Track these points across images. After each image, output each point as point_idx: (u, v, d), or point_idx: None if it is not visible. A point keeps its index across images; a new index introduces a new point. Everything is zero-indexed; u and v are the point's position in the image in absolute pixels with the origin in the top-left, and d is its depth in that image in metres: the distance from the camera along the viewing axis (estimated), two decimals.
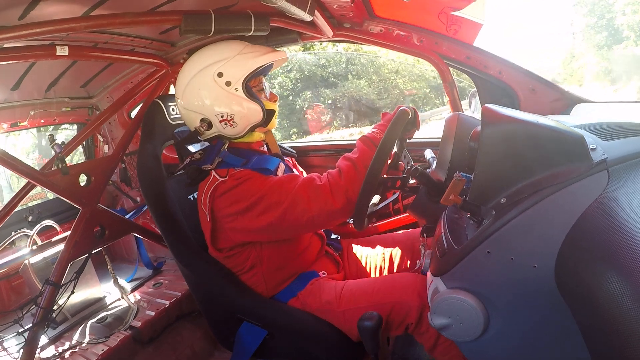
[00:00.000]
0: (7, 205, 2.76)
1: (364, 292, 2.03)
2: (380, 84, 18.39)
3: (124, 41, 2.49)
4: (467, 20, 2.28)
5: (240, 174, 1.97)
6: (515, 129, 1.21)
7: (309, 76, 18.61)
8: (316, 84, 18.34)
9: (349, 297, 2.03)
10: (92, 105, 3.65)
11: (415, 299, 1.87)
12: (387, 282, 2.05)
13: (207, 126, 2.10)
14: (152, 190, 2.21)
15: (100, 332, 2.82)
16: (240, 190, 1.95)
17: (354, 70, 16.96)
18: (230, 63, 2.04)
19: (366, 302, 1.97)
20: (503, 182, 1.20)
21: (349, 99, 17.96)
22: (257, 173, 1.99)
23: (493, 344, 1.27)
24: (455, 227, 1.45)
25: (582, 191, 1.07)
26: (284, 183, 1.93)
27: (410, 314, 1.88)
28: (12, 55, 2.08)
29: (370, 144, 1.92)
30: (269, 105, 2.18)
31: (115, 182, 3.93)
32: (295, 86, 18.36)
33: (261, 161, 2.08)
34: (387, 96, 18.49)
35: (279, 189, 1.92)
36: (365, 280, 2.14)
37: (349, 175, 1.86)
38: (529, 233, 1.12)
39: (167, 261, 3.86)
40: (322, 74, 18.47)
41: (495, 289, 1.21)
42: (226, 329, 2.16)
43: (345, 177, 1.86)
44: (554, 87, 2.32)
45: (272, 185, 1.93)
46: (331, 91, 18.17)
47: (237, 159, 2.06)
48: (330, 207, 1.86)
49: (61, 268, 2.57)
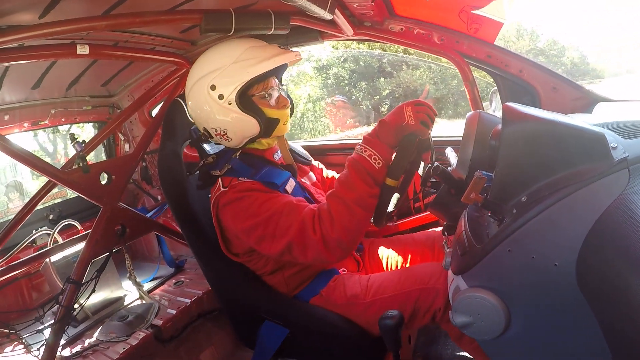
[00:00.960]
0: (28, 204, 2.79)
1: (390, 281, 2.01)
2: (438, 75, 18.38)
3: (145, 40, 2.50)
4: (488, 18, 2.27)
5: (242, 186, 1.94)
6: (536, 127, 1.20)
7: (365, 67, 18.64)
8: (372, 74, 18.36)
9: (376, 288, 2.01)
10: (113, 103, 3.69)
11: (442, 284, 1.85)
12: (413, 270, 2.03)
13: (208, 135, 2.10)
14: (172, 189, 2.22)
15: (121, 331, 2.83)
16: (241, 206, 1.92)
17: (410, 61, 16.88)
18: (223, 74, 1.97)
19: (393, 290, 1.96)
20: (524, 181, 1.20)
21: (405, 89, 17.98)
22: (260, 186, 1.95)
23: (514, 342, 1.26)
24: (476, 225, 1.44)
25: (603, 190, 1.07)
26: (283, 216, 1.86)
27: (437, 299, 1.86)
28: (33, 54, 2.10)
29: (364, 173, 1.77)
30: (271, 114, 2.07)
31: (136, 180, 3.94)
32: (351, 77, 18.44)
33: (270, 174, 2.02)
34: (445, 87, 18.46)
35: (277, 221, 1.85)
36: (389, 272, 2.14)
37: (342, 223, 1.76)
38: (550, 231, 1.11)
39: (188, 259, 3.86)
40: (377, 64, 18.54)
41: (516, 287, 1.21)
42: (248, 327, 2.17)
43: (338, 226, 1.76)
44: (575, 85, 2.29)
45: (270, 215, 1.87)
46: (386, 82, 18.19)
47: (246, 169, 2.03)
48: (325, 258, 1.82)
49: (82, 266, 2.59)
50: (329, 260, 1.82)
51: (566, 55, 27.48)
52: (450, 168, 1.70)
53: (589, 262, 1.03)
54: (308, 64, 19.09)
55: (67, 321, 2.53)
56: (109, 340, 2.76)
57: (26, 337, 2.82)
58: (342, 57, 18.54)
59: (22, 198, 4.89)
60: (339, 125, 18.05)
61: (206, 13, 2.03)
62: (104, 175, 2.71)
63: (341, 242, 1.77)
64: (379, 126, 1.82)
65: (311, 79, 19.16)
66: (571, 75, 14.03)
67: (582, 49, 28.69)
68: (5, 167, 7.09)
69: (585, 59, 28.14)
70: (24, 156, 2.34)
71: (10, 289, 3.27)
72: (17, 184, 5.86)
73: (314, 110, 18.58)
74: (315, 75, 19.31)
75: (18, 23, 1.87)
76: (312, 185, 2.33)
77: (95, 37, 2.29)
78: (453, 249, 1.52)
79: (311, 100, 18.58)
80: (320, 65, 19.30)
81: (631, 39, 24.60)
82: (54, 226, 3.28)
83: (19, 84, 2.82)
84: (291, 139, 2.51)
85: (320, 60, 19.19)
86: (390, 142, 1.79)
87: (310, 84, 19.02)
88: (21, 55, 2.06)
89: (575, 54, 28.03)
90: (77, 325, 2.99)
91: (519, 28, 27.81)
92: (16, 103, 3.05)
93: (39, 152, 11.93)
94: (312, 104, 18.56)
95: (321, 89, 19.28)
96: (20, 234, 3.06)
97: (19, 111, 3.10)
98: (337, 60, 18.95)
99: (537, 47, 27.49)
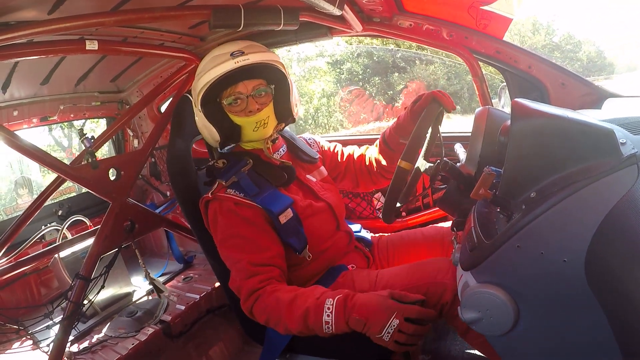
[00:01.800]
0: (37, 200, 2.80)
1: (397, 276, 2.00)
2: (452, 69, 18.38)
3: (154, 35, 2.51)
4: (497, 14, 2.26)
5: (225, 205, 2.00)
6: (545, 123, 1.20)
7: (378, 62, 18.65)
8: (386, 69, 18.36)
9: (385, 282, 2.01)
10: (122, 99, 3.70)
11: (450, 278, 1.84)
12: (421, 265, 2.02)
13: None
14: (181, 185, 2.22)
15: (130, 326, 2.84)
16: (218, 221, 2.00)
17: (423, 56, 16.89)
18: (196, 79, 2.03)
19: (401, 285, 1.94)
20: (533, 176, 1.19)
21: (418, 85, 17.98)
22: (246, 211, 1.98)
23: (523, 338, 1.26)
24: (485, 221, 1.44)
25: (612, 185, 1.06)
26: (235, 263, 1.97)
27: (445, 294, 1.85)
28: (42, 50, 2.11)
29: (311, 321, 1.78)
30: (236, 120, 2.07)
31: (145, 176, 3.97)
32: (364, 72, 18.44)
33: (272, 200, 2.01)
34: (458, 82, 18.45)
35: (232, 261, 1.98)
36: (398, 267, 2.12)
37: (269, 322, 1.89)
38: (559, 227, 1.11)
39: (197, 255, 3.88)
40: (390, 60, 18.54)
41: (525, 283, 1.20)
42: (256, 323, 2.17)
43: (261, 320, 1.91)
44: (584, 81, 2.29)
45: (230, 254, 1.99)
46: (400, 76, 18.19)
47: (251, 187, 2.02)
48: (238, 295, 1.96)
49: (91, 262, 2.61)
50: (240, 301, 1.95)
51: (583, 50, 27.41)
52: (459, 164, 1.70)
53: (597, 258, 1.03)
54: (322, 59, 19.15)
55: (76, 317, 2.54)
56: (118, 336, 2.77)
57: (35, 333, 2.85)
58: (355, 52, 18.58)
59: (30, 194, 4.92)
60: (352, 121, 18.11)
61: (215, 9, 2.02)
62: (113, 171, 2.73)
63: (262, 322, 1.92)
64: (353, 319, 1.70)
65: (325, 74, 19.19)
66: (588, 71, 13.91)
67: (598, 43, 28.62)
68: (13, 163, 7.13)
69: (602, 53, 28.06)
70: (33, 152, 2.36)
71: (19, 285, 3.29)
72: (26, 180, 5.89)
73: (328, 105, 18.59)
74: (329, 70, 19.34)
75: (27, 19, 1.88)
76: (318, 182, 2.31)
77: (104, 32, 2.30)
78: (462, 244, 1.53)
79: (325, 95, 18.60)
80: (334, 60, 19.34)
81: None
82: (63, 222, 3.30)
83: (27, 79, 2.83)
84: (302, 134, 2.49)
85: (334, 55, 19.23)
86: (347, 330, 1.75)
87: (324, 79, 19.04)
88: (30, 50, 2.07)
89: (592, 48, 27.97)
90: (86, 321, 3.00)
91: (534, 22, 27.76)
92: (25, 99, 3.06)
93: (54, 147, 12.03)
94: (326, 99, 18.58)
95: (335, 84, 19.29)
96: (30, 230, 3.07)
97: (27, 107, 3.11)
98: (350, 55, 18.99)
99: (553, 41, 27.44)
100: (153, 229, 3.14)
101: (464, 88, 18.34)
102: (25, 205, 3.17)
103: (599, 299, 1.03)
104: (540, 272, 1.15)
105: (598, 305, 1.04)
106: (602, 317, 1.02)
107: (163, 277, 3.62)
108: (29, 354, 2.74)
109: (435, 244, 2.30)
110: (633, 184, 1.04)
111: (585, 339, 1.13)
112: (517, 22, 27.33)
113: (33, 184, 6.04)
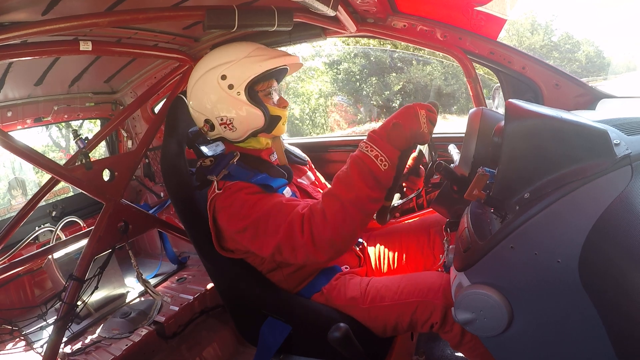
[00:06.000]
0: (30, 201, 2.79)
1: (388, 290, 2.00)
2: (449, 70, 18.41)
3: (148, 36, 2.51)
4: (491, 15, 2.27)
5: (235, 187, 1.93)
6: (538, 124, 1.21)
7: (375, 62, 18.66)
8: (383, 69, 18.38)
9: (374, 294, 2.01)
10: (116, 100, 3.69)
11: (440, 298, 1.85)
12: (412, 281, 2.01)
13: (209, 127, 2.10)
14: (175, 186, 2.22)
15: (124, 327, 2.85)
16: (234, 208, 1.90)
17: (420, 56, 16.95)
18: (235, 66, 2.02)
19: (391, 300, 1.95)
20: (527, 177, 1.20)
21: (415, 85, 18.00)
22: (254, 188, 1.93)
23: (517, 338, 1.27)
24: (478, 222, 1.44)
25: (606, 186, 1.07)
26: (271, 217, 1.82)
27: (435, 313, 1.86)
28: (36, 51, 2.11)
29: (367, 174, 1.64)
30: (274, 111, 2.12)
31: (138, 177, 3.98)
32: (361, 72, 18.47)
33: (267, 179, 1.99)
34: (455, 82, 18.49)
35: (266, 222, 1.82)
36: (390, 278, 2.12)
37: (336, 223, 1.67)
38: (552, 228, 1.12)
39: (191, 256, 3.88)
40: (388, 60, 18.57)
41: (518, 283, 1.21)
42: (250, 324, 2.17)
43: (331, 226, 1.67)
44: (578, 82, 2.29)
45: (260, 216, 1.84)
46: (397, 77, 18.20)
47: (244, 173, 2.01)
48: (316, 259, 1.76)
49: (85, 263, 2.60)
50: (320, 260, 1.77)
51: (581, 50, 27.47)
52: (453, 165, 1.70)
53: (591, 258, 1.03)
54: (319, 59, 19.18)
55: (70, 318, 2.54)
56: (112, 337, 2.77)
57: (29, 334, 2.84)
58: (352, 53, 18.60)
59: (24, 195, 4.90)
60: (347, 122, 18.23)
61: (209, 10, 2.02)
62: (107, 172, 2.72)
63: (334, 242, 1.71)
64: (392, 128, 1.65)
65: (322, 74, 19.21)
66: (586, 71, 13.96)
67: (597, 43, 28.74)
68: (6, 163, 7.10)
69: (601, 53, 28.13)
70: (26, 153, 2.34)
71: (13, 286, 3.29)
72: (19, 181, 5.87)
73: (325, 105, 18.63)
74: (326, 70, 19.37)
75: (21, 20, 1.87)
76: (310, 185, 2.34)
77: (98, 33, 2.30)
78: (456, 245, 1.53)
79: (323, 96, 18.65)
80: (331, 60, 19.37)
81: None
82: (56, 223, 3.30)
83: (21, 80, 2.82)
84: (301, 135, 2.50)
85: (331, 55, 19.27)
86: (401, 147, 1.66)
87: (321, 79, 19.07)
88: (24, 51, 2.07)
89: (591, 48, 28.04)
90: (79, 321, 3.00)
91: (533, 22, 27.81)
92: (19, 99, 3.06)
93: (52, 147, 11.97)
94: (323, 99, 18.63)
95: (332, 84, 19.32)
96: (23, 231, 3.07)
97: (21, 107, 3.10)
98: (347, 55, 19.01)
99: (551, 41, 27.51)
100: (147, 229, 3.13)
101: (462, 88, 18.36)
102: (19, 206, 3.16)
103: (592, 299, 1.04)
104: (534, 272, 1.15)
105: (592, 305, 1.04)
106: (596, 317, 1.03)
107: (157, 278, 3.62)
108: (23, 354, 2.73)
109: (422, 235, 2.35)
110: (627, 185, 1.04)
111: (579, 340, 1.14)
112: (515, 22, 27.45)
113: (28, 184, 6.02)
